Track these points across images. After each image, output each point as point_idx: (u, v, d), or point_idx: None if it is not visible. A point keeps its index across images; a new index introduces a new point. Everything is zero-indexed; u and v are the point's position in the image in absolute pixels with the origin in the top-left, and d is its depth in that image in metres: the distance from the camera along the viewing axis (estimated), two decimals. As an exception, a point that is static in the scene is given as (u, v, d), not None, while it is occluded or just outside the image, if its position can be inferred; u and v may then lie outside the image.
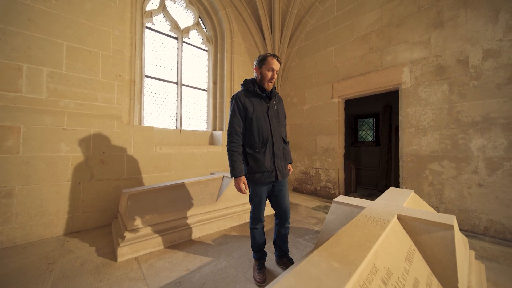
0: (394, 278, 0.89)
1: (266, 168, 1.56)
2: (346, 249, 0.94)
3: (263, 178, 1.57)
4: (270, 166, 1.57)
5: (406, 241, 1.18)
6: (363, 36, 3.68)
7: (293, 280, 0.76)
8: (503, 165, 2.43)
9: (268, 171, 1.57)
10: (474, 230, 2.60)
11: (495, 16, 2.50)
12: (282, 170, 1.62)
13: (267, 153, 1.57)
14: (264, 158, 1.56)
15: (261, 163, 1.56)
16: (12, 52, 2.24)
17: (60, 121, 2.50)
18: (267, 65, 1.59)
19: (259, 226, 1.70)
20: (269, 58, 1.59)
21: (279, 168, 1.60)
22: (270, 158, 1.58)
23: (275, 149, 1.59)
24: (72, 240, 2.35)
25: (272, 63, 1.58)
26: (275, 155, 1.59)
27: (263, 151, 1.57)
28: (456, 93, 2.75)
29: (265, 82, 1.63)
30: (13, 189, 2.22)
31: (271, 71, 1.59)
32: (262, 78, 1.63)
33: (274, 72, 1.60)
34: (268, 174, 1.57)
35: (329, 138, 4.20)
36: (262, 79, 1.63)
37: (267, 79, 1.61)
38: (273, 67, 1.59)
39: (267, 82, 1.62)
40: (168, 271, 1.77)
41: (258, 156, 1.56)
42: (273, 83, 1.64)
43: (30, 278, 1.67)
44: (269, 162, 1.57)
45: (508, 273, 1.79)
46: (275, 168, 1.58)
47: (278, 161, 1.60)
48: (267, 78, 1.61)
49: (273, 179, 1.59)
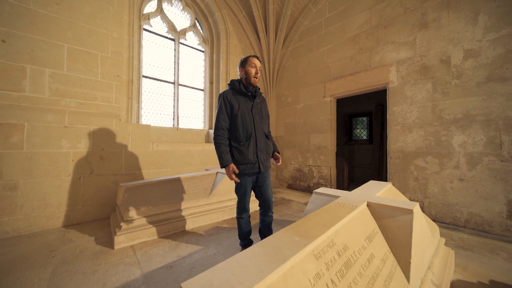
0: (350, 252, 1.02)
1: (250, 160, 1.70)
2: (310, 228, 1.07)
3: (247, 170, 1.71)
4: (253, 158, 1.71)
5: (371, 224, 1.31)
6: (353, 37, 3.80)
7: (258, 248, 0.89)
8: (482, 160, 2.54)
9: (252, 163, 1.71)
10: (455, 223, 2.72)
11: (475, 17, 2.62)
12: (264, 162, 1.75)
13: (251, 146, 1.70)
14: (248, 151, 1.70)
15: (245, 155, 1.70)
16: (16, 54, 2.39)
17: (62, 119, 2.65)
18: (249, 63, 1.75)
19: (245, 215, 1.83)
20: (251, 58, 1.77)
21: (262, 160, 1.73)
22: (254, 151, 1.71)
23: (258, 143, 1.73)
24: (73, 231, 2.50)
25: (253, 61, 1.76)
26: (258, 148, 1.72)
27: (247, 145, 1.71)
28: (439, 91, 2.86)
29: (251, 78, 1.77)
30: (18, 183, 2.37)
31: (254, 67, 1.75)
32: (247, 76, 1.77)
33: (257, 68, 1.76)
34: (252, 165, 1.71)
35: (321, 136, 4.33)
36: (248, 76, 1.77)
37: (252, 75, 1.76)
38: (255, 63, 1.75)
39: (253, 77, 1.76)
40: (160, 257, 1.91)
41: (243, 149, 1.70)
42: (258, 78, 1.78)
43: (33, 262, 1.81)
44: (252, 154, 1.70)
45: (479, 259, 1.91)
46: (258, 160, 1.72)
47: (260, 153, 1.73)
48: (252, 74, 1.76)
49: (256, 171, 1.72)
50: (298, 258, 0.84)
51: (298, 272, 0.80)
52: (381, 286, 0.97)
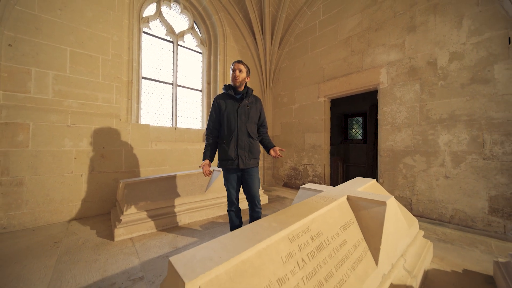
0: (323, 238, 1.14)
1: (230, 156, 1.85)
2: (289, 216, 1.20)
3: (228, 165, 1.88)
4: (233, 155, 1.86)
5: (349, 215, 1.43)
6: (346, 39, 3.91)
7: (238, 232, 1.02)
8: (466, 158, 2.66)
9: (232, 159, 1.86)
10: (441, 219, 2.83)
11: (460, 21, 2.73)
12: (245, 160, 1.87)
13: (232, 144, 1.86)
14: (229, 148, 1.86)
15: (227, 152, 1.87)
16: (22, 58, 2.53)
17: (65, 119, 2.78)
18: (231, 68, 1.93)
19: (233, 208, 1.96)
20: (233, 63, 1.93)
21: (242, 157, 1.87)
22: (235, 149, 1.86)
23: (239, 141, 1.87)
24: (75, 225, 2.63)
25: (233, 65, 1.91)
26: (239, 146, 1.87)
27: (229, 142, 1.87)
28: (426, 92, 2.98)
29: (232, 81, 1.94)
30: (24, 179, 2.51)
31: (232, 71, 1.91)
32: (231, 80, 1.94)
33: (236, 71, 1.89)
34: (232, 162, 1.86)
35: (315, 135, 4.44)
36: (231, 80, 1.94)
37: (232, 78, 1.93)
38: (233, 67, 1.90)
39: (233, 80, 1.92)
40: (157, 248, 2.04)
41: (225, 146, 1.88)
42: (239, 80, 1.89)
43: (39, 252, 1.95)
44: (233, 151, 1.86)
45: (457, 251, 2.03)
46: (238, 157, 1.86)
47: (241, 151, 1.87)
48: (232, 78, 1.93)
49: (235, 167, 1.87)
50: (274, 239, 0.97)
51: (272, 251, 0.92)
52: (349, 267, 1.09)
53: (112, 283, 1.54)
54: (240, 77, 1.88)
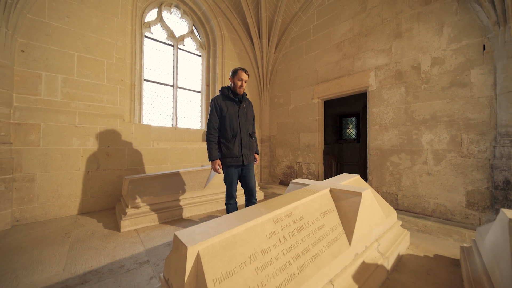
0: (304, 221, 1.35)
1: (235, 154, 2.04)
2: (276, 204, 1.40)
3: (232, 162, 2.06)
4: (238, 152, 2.04)
5: (330, 204, 1.63)
6: (338, 44, 4.12)
7: (231, 215, 1.22)
8: (446, 156, 2.87)
9: (237, 157, 2.05)
10: (424, 213, 3.04)
11: (441, 29, 2.94)
12: (248, 157, 2.09)
13: (236, 143, 2.04)
14: (233, 147, 2.03)
15: (231, 150, 2.04)
16: (33, 62, 2.72)
17: (72, 120, 2.97)
18: (238, 76, 2.08)
19: (232, 201, 2.16)
20: (239, 71, 2.08)
21: (245, 155, 2.07)
22: (239, 147, 2.05)
23: (242, 140, 2.06)
24: (83, 218, 2.82)
25: (241, 75, 2.07)
26: (242, 145, 2.06)
27: (233, 141, 2.04)
28: (411, 94, 3.19)
29: (237, 88, 2.10)
30: (35, 175, 2.70)
31: (241, 81, 2.08)
32: (234, 86, 2.11)
33: (243, 81, 2.09)
34: (236, 159, 2.05)
35: (310, 135, 4.65)
36: (234, 86, 2.11)
37: (238, 86, 2.09)
38: (242, 78, 2.07)
39: (238, 88, 2.10)
40: (161, 238, 2.24)
41: (229, 145, 2.05)
42: (243, 89, 2.11)
43: (52, 241, 2.14)
44: (237, 149, 2.04)
45: (432, 240, 2.24)
46: (242, 154, 2.05)
47: (244, 149, 2.07)
48: (238, 86, 2.09)
49: (240, 163, 2.05)
50: (260, 220, 1.17)
51: (258, 229, 1.13)
52: (325, 245, 1.29)
53: (121, 265, 1.74)
54: (245, 87, 2.09)
